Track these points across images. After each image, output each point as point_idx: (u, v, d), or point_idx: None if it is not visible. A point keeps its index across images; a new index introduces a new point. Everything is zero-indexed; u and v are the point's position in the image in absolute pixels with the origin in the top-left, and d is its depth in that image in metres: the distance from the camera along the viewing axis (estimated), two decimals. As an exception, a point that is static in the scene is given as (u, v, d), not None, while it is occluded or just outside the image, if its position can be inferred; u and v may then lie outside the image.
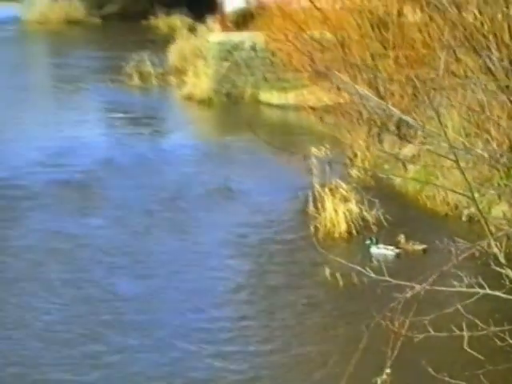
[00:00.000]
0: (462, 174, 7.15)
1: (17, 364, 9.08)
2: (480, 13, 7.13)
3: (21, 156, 17.58)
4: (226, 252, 12.26)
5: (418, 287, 6.72)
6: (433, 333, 6.59)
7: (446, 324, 6.85)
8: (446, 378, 6.77)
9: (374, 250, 11.70)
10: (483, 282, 6.59)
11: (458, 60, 7.64)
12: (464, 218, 12.73)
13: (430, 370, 6.88)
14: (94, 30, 47.13)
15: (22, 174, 16.19)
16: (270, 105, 22.89)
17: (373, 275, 7.16)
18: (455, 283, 6.87)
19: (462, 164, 7.12)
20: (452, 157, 7.13)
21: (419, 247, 11.86)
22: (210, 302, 10.62)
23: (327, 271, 10.35)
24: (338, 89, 15.17)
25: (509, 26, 7.86)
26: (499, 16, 7.78)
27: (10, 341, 9.47)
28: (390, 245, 11.81)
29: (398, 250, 11.74)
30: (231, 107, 23.24)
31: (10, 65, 34.97)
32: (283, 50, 17.84)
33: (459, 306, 6.79)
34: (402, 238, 11.94)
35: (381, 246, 11.76)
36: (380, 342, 6.82)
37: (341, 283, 10.15)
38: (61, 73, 32.27)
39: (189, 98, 24.13)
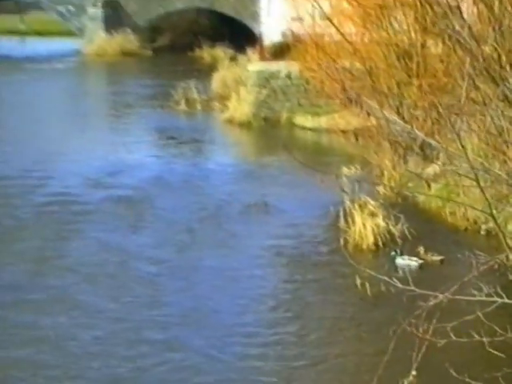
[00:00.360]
0: (482, 191, 7.09)
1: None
2: (497, 45, 7.07)
3: (79, 174, 17.62)
4: (264, 262, 12.21)
5: (440, 296, 6.67)
6: (454, 338, 6.53)
7: (467, 330, 6.79)
8: (467, 379, 6.70)
9: (398, 261, 11.63)
10: (501, 292, 6.51)
11: (477, 88, 7.56)
12: (482, 232, 12.63)
13: (452, 371, 6.82)
14: (146, 61, 47.46)
15: (79, 190, 16.21)
16: (304, 128, 22.86)
17: (399, 285, 7.13)
18: (475, 293, 6.80)
19: (481, 183, 7.06)
20: (472, 176, 7.08)
21: (437, 258, 11.80)
22: (250, 311, 10.54)
23: (357, 281, 10.27)
24: (367, 114, 15.18)
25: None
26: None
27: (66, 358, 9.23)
28: (413, 256, 11.75)
29: (421, 261, 11.66)
30: (269, 130, 23.23)
31: (72, 92, 35.32)
32: (316, 78, 17.82)
33: (479, 314, 6.72)
34: (421, 249, 11.89)
35: (405, 257, 11.70)
36: (406, 347, 6.78)
37: (369, 292, 10.07)
38: (116, 99, 32.50)
39: (230, 121, 24.17)
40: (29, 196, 15.73)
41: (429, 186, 13.94)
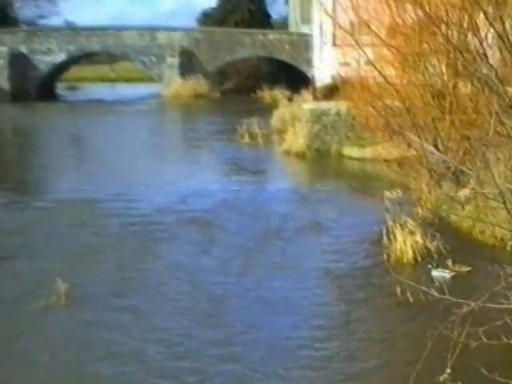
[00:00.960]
0: (508, 212, 6.99)
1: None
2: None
3: (158, 199, 17.72)
4: (318, 274, 12.13)
5: (472, 304, 6.58)
6: (485, 341, 6.44)
7: (497, 334, 6.68)
8: (497, 377, 6.59)
9: (434, 272, 11.47)
10: (527, 301, 6.41)
11: (502, 123, 7.47)
12: (508, 248, 12.40)
13: (482, 370, 6.70)
14: (214, 101, 47.93)
15: (157, 214, 16.23)
16: (351, 158, 22.79)
17: (436, 294, 7.05)
18: (503, 301, 6.69)
19: (508, 205, 6.97)
20: (499, 199, 6.99)
21: (464, 269, 11.62)
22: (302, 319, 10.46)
23: (398, 290, 10.15)
24: (407, 145, 15.08)
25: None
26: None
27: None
28: (446, 269, 11.59)
29: (453, 273, 11.49)
30: (320, 160, 23.23)
31: (152, 129, 35.90)
32: (362, 114, 17.77)
33: (507, 320, 6.62)
34: (449, 261, 11.73)
35: (440, 269, 11.55)
36: (442, 348, 6.69)
37: (410, 300, 9.92)
38: (189, 134, 32.89)
39: (287, 152, 24.24)
40: (113, 218, 15.84)
41: (462, 207, 13.74)
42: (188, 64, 51.93)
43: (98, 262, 12.74)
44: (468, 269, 11.60)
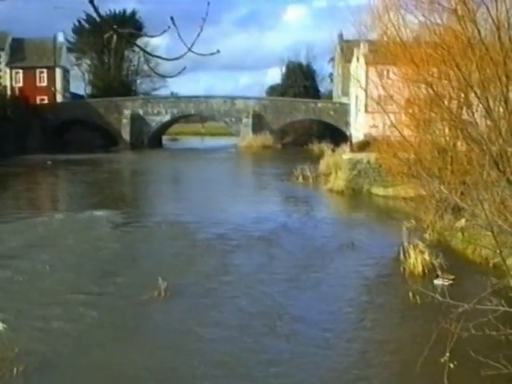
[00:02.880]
0: (494, 238, 7.03)
1: None
2: (501, 146, 7.11)
3: (233, 221, 17.81)
4: (351, 281, 12.06)
5: (466, 306, 6.62)
6: (474, 332, 6.45)
7: (482, 328, 6.68)
8: (481, 359, 6.56)
9: (435, 281, 11.36)
10: (504, 304, 6.40)
11: (488, 173, 7.52)
12: (491, 265, 12.12)
13: (472, 354, 6.68)
14: (277, 152, 48.09)
15: (232, 232, 16.21)
16: (377, 195, 22.59)
17: (439, 297, 7.08)
18: (488, 304, 6.70)
19: (494, 232, 7.01)
20: (488, 228, 7.03)
21: (450, 277, 11.39)
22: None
23: (410, 294, 10.08)
24: (420, 186, 14.93)
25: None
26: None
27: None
28: (445, 278, 11.40)
29: (451, 281, 11.31)
30: (355, 197, 23.05)
31: (230, 171, 36.25)
32: (386, 163, 17.71)
33: (491, 317, 6.61)
34: (438, 272, 11.51)
35: (440, 278, 11.39)
36: (443, 338, 6.72)
37: (419, 302, 9.81)
38: (257, 175, 33.12)
39: (330, 190, 24.15)
40: (199, 235, 15.92)
41: (461, 234, 13.55)
42: (258, 123, 52.51)
43: (189, 266, 12.87)
44: (452, 277, 11.39)
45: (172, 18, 2.85)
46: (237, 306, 10.31)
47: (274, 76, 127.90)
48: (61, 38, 57.14)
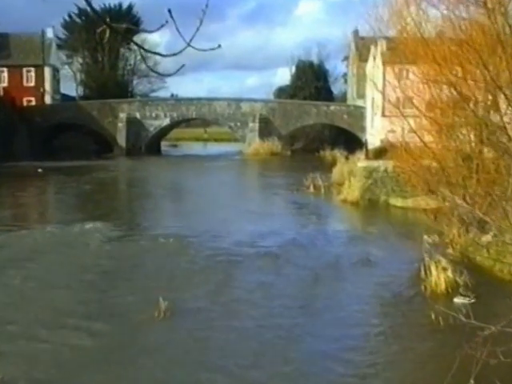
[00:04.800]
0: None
1: None
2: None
3: (239, 234, 17.82)
4: (367, 300, 12.04)
5: (493, 328, 6.55)
6: (503, 359, 6.38)
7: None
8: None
9: (457, 299, 11.29)
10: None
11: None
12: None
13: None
14: (286, 159, 48.11)
15: (237, 247, 16.26)
16: (395, 207, 22.54)
17: (463, 319, 7.01)
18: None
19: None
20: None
21: (471, 296, 11.33)
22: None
23: (432, 315, 10.02)
24: (442, 198, 14.87)
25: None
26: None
27: None
28: (470, 298, 11.35)
29: (473, 300, 11.23)
30: (371, 208, 23.00)
31: (234, 179, 36.30)
32: (405, 172, 17.65)
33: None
34: (462, 291, 11.48)
35: (465, 298, 11.30)
36: (467, 364, 6.65)
37: (441, 323, 9.76)
38: (264, 184, 33.05)
39: (344, 201, 24.12)
40: (201, 249, 15.93)
41: (486, 250, 13.47)
42: (266, 128, 52.60)
43: (191, 284, 12.86)
44: (475, 295, 11.34)
45: (170, 11, 2.85)
46: (242, 332, 10.29)
47: (283, 76, 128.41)
48: (50, 33, 56.93)
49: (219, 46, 3.23)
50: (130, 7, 66.89)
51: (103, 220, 19.84)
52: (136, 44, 3.62)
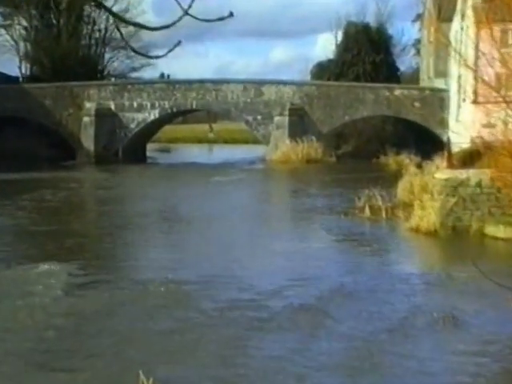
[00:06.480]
0: None
1: None
2: None
3: (261, 280, 17.90)
4: (456, 380, 11.90)
5: None
6: None
7: None
8: None
9: None
10: None
11: None
12: None
13: None
14: (329, 167, 48.29)
15: (259, 297, 16.33)
16: (495, 238, 22.36)
17: None
18: None
19: None
20: None
21: None
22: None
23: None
24: None
25: None
26: None
27: None
28: None
29: None
30: (457, 240, 22.92)
31: (253, 200, 36.38)
32: (510, 186, 17.54)
33: None
34: None
35: None
36: None
37: None
38: (298, 205, 33.11)
39: (415, 230, 24.07)
40: (206, 303, 16.00)
41: None
42: (299, 124, 52.76)
43: (186, 356, 12.80)
44: None
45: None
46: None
47: (325, 47, 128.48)
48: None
49: (231, 14, 3.33)
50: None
51: (62, 260, 19.94)
52: (107, 9, 3.56)
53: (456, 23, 42.87)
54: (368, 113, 53.51)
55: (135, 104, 55.58)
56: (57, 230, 26.74)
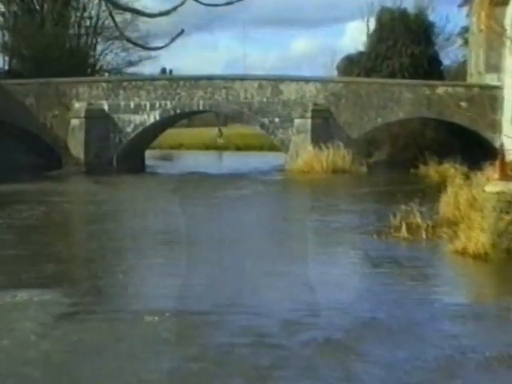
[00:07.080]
0: None
1: None
2: None
3: (281, 310, 17.93)
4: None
5: None
6: None
7: None
8: None
9: None
10: None
11: None
12: None
13: None
14: (359, 179, 48.14)
15: (280, 328, 16.45)
16: None
17: None
18: None
19: None
20: None
21: None
22: None
23: None
24: None
25: None
26: None
27: None
28: None
29: None
30: (511, 265, 22.75)
31: (270, 219, 36.25)
32: None
33: None
34: None
35: None
36: None
37: None
38: (323, 224, 32.94)
39: (462, 252, 23.88)
40: (218, 337, 16.10)
41: None
42: (324, 127, 52.65)
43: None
44: None
45: None
46: None
47: (355, 37, 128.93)
48: None
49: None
50: None
51: (47, 287, 19.99)
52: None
53: None
54: (405, 115, 53.27)
55: (132, 104, 55.60)
56: (36, 254, 26.60)
